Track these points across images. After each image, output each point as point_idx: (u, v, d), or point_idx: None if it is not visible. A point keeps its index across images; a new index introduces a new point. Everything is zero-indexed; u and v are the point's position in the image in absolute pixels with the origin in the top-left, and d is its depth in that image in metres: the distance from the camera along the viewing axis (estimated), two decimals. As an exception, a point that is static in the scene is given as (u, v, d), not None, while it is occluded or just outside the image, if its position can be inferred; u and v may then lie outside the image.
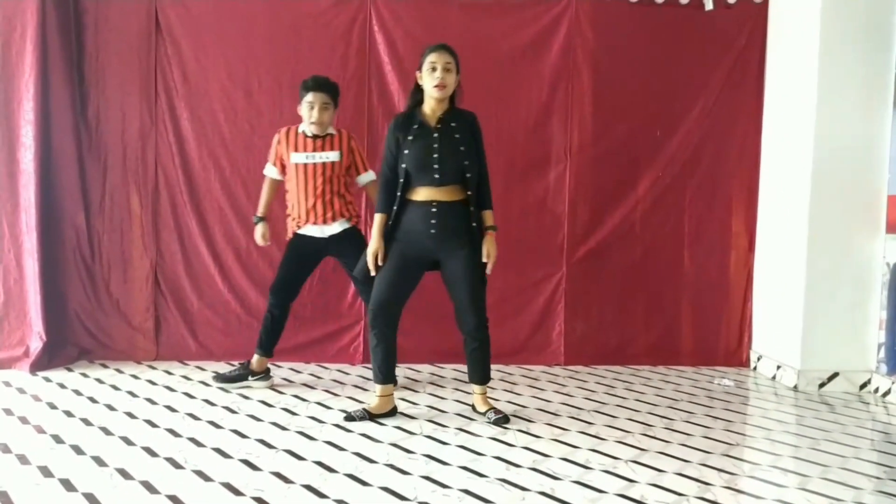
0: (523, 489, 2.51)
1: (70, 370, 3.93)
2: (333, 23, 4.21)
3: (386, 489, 2.48)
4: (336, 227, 3.61)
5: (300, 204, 3.58)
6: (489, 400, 3.36)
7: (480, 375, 3.30)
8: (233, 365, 3.93)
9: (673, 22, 4.33)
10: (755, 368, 4.43)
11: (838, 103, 3.91)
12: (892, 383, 3.81)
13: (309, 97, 3.52)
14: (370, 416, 3.21)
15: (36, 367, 3.86)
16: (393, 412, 3.28)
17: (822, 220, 3.94)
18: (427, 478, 2.59)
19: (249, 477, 2.55)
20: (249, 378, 3.70)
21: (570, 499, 2.44)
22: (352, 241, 3.63)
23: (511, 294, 4.33)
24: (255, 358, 3.71)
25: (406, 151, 3.07)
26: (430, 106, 3.11)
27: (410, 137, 3.08)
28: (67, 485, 2.43)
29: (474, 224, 3.13)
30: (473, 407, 3.38)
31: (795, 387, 3.99)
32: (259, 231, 3.72)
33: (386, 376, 3.24)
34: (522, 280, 4.35)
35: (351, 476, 2.59)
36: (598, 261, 4.39)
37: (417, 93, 3.16)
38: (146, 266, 4.20)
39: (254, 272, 4.24)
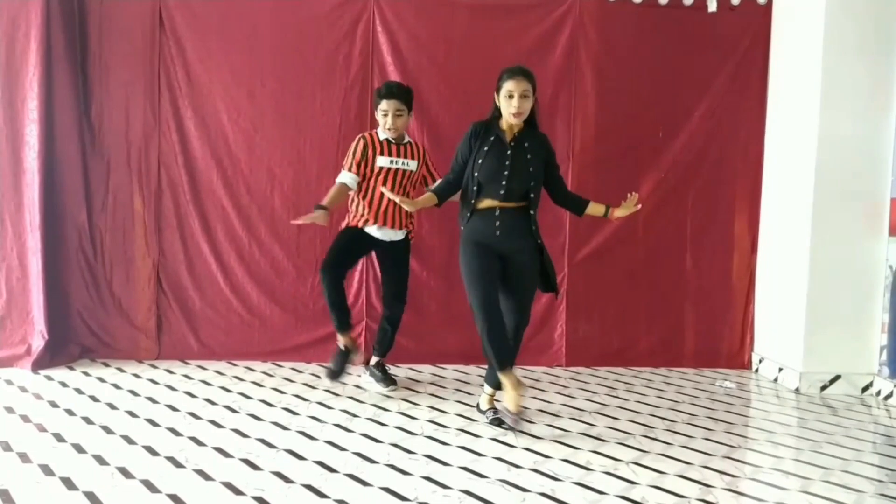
0: (524, 490, 2.51)
1: (72, 369, 3.93)
2: (337, 23, 4.21)
3: (386, 489, 2.48)
4: (398, 235, 3.65)
5: (372, 205, 3.58)
6: (493, 402, 3.34)
7: (497, 381, 3.22)
8: (235, 365, 3.92)
9: (677, 23, 4.33)
10: (757, 371, 4.42)
11: (842, 105, 3.90)
12: (895, 386, 3.80)
13: (383, 105, 3.56)
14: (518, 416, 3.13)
15: (38, 366, 3.86)
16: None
17: (824, 223, 3.93)
18: (428, 478, 2.59)
19: (250, 476, 2.55)
20: (352, 357, 3.72)
21: (571, 500, 2.44)
22: (403, 251, 3.71)
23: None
24: (340, 338, 3.68)
25: (479, 161, 3.12)
26: (508, 123, 3.14)
27: (486, 148, 3.12)
28: (68, 483, 2.44)
29: (539, 241, 3.17)
30: (478, 405, 3.38)
31: (797, 389, 3.98)
32: (317, 214, 3.39)
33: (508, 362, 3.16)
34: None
35: (351, 476, 2.59)
36: (600, 262, 4.38)
37: (496, 109, 3.18)
38: (149, 265, 4.20)
39: (256, 271, 4.24)
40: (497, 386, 3.25)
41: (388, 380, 3.72)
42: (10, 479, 2.46)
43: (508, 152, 3.11)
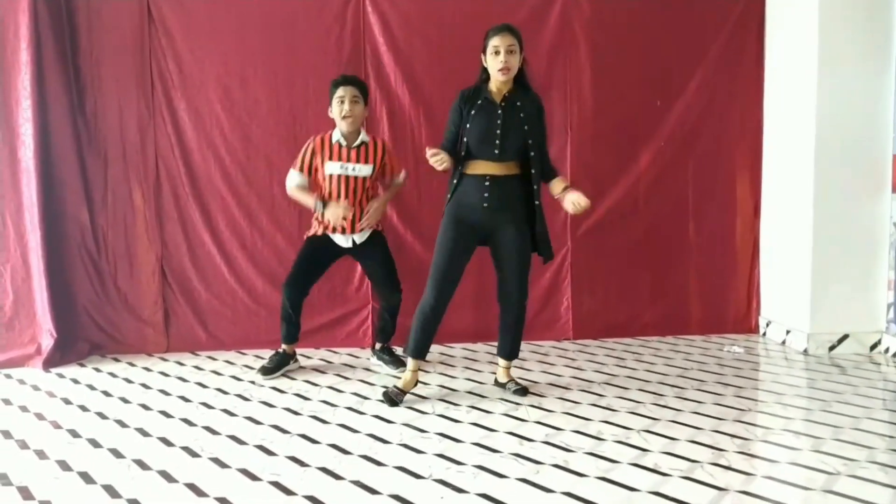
0: (537, 463, 2.53)
1: (82, 365, 3.96)
2: (327, 5, 4.17)
3: (401, 468, 2.50)
4: (362, 237, 3.63)
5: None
6: (510, 373, 3.40)
7: (509, 350, 3.33)
8: (244, 354, 3.94)
9: (670, -10, 4.28)
10: (764, 334, 4.43)
11: (840, 64, 3.87)
12: (903, 343, 3.81)
13: (339, 92, 3.52)
14: (404, 393, 3.24)
15: (48, 364, 3.88)
16: (414, 385, 3.33)
17: (827, 183, 3.91)
18: (441, 455, 2.61)
19: (266, 462, 2.57)
20: (291, 364, 3.77)
21: (584, 470, 2.46)
22: (376, 246, 3.67)
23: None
24: (284, 348, 3.76)
25: (468, 125, 3.08)
26: (496, 85, 3.10)
27: (474, 112, 3.09)
28: (86, 477, 2.46)
29: (536, 202, 3.14)
30: (496, 380, 3.41)
31: (805, 350, 3.99)
32: (334, 210, 3.48)
33: (424, 352, 3.27)
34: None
35: (365, 457, 2.61)
36: (603, 234, 4.38)
37: (484, 72, 3.14)
38: (152, 259, 4.21)
39: (259, 260, 4.25)
40: (510, 356, 3.33)
41: (398, 362, 3.73)
42: (29, 475, 2.49)
43: (499, 111, 3.07)
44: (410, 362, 3.28)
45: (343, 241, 3.63)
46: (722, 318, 4.50)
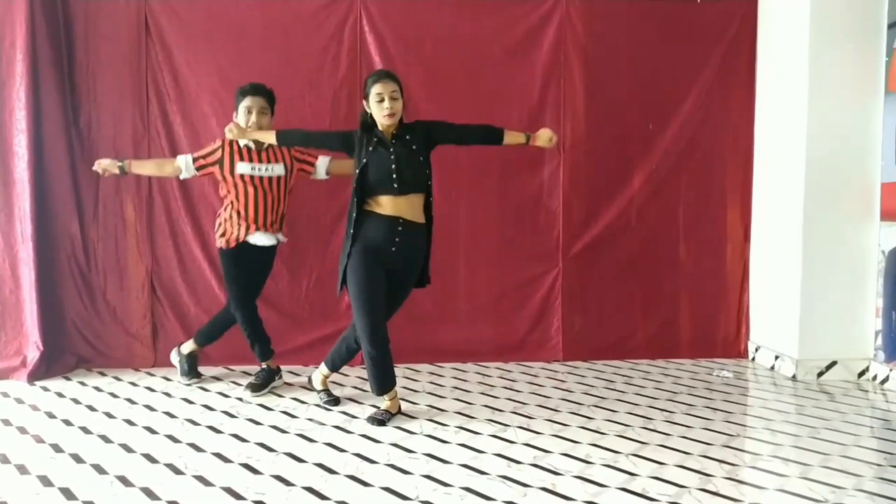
0: (525, 485, 2.51)
1: (68, 379, 3.92)
2: (324, 24, 4.20)
3: (387, 489, 2.48)
4: (272, 240, 3.62)
5: (248, 214, 3.53)
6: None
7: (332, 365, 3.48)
8: (231, 370, 3.91)
9: (663, 14, 4.34)
10: (753, 359, 4.43)
11: (830, 92, 3.91)
12: (890, 370, 3.81)
13: (246, 102, 3.52)
14: (393, 415, 3.26)
15: (34, 377, 3.84)
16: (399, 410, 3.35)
17: (816, 210, 3.94)
18: (428, 476, 2.59)
19: (250, 481, 2.54)
20: (276, 379, 3.78)
21: (572, 494, 2.44)
22: (271, 258, 3.70)
23: (509, 291, 4.34)
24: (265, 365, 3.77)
25: (365, 161, 3.14)
26: (383, 126, 3.17)
27: (371, 148, 3.16)
28: (68, 493, 2.43)
29: (428, 235, 3.28)
30: (310, 380, 3.62)
31: (794, 376, 4.00)
32: (106, 162, 3.61)
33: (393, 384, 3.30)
34: (519, 277, 4.35)
35: (352, 477, 2.58)
36: (595, 256, 4.39)
37: (366, 117, 3.20)
38: (142, 273, 4.19)
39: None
40: (334, 369, 3.48)
41: (193, 371, 3.83)
42: (9, 491, 2.45)
43: (391, 148, 3.15)
44: (388, 395, 3.27)
45: (266, 239, 3.58)
46: (711, 342, 4.51)
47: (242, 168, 3.53)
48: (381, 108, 3.12)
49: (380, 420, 3.18)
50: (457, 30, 4.24)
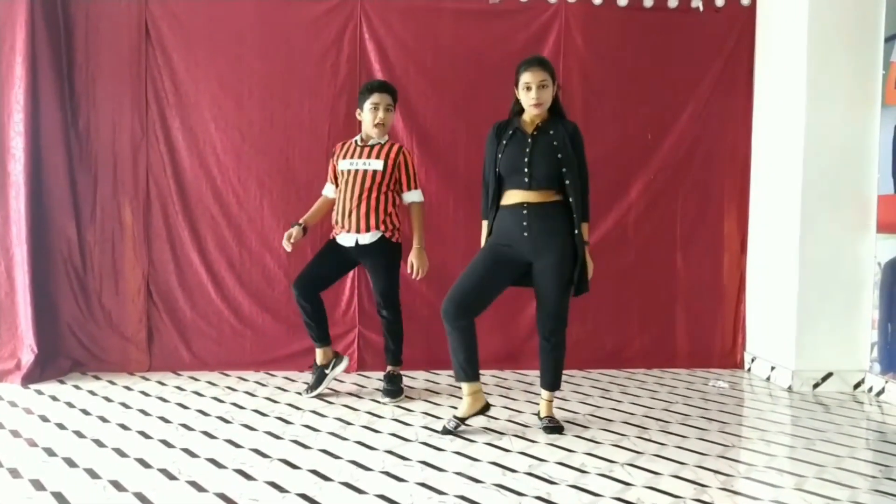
0: (519, 494, 2.50)
1: (62, 382, 3.90)
2: (324, 31, 4.21)
3: (382, 496, 2.47)
4: (367, 238, 3.54)
5: (338, 210, 3.59)
6: (552, 407, 3.30)
7: (547, 380, 3.25)
8: (227, 375, 3.90)
9: (662, 26, 4.36)
10: (749, 370, 4.43)
11: (827, 104, 3.93)
12: (886, 382, 3.82)
13: (374, 98, 3.53)
14: (462, 420, 3.16)
15: (28, 380, 3.83)
16: (486, 408, 3.21)
17: (813, 221, 3.96)
18: (423, 484, 2.58)
19: (244, 487, 2.53)
20: (326, 372, 3.71)
21: (567, 503, 2.43)
22: (381, 253, 3.57)
23: (505, 299, 4.28)
24: (318, 353, 3.72)
25: (500, 155, 3.10)
26: (529, 116, 3.12)
27: (505, 142, 3.11)
28: (60, 498, 2.41)
29: (576, 232, 3.09)
30: (539, 413, 3.32)
31: (790, 387, 4.00)
32: (290, 231, 3.58)
33: (471, 374, 3.15)
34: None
35: (346, 484, 2.57)
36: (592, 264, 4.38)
37: (516, 104, 3.16)
38: (138, 277, 4.18)
39: (247, 281, 4.23)
40: (550, 387, 3.25)
41: (394, 392, 3.66)
42: (1, 494, 2.43)
43: (529, 140, 3.08)
44: (464, 386, 3.17)
45: (345, 240, 3.57)
46: (707, 352, 4.51)
47: (343, 164, 3.59)
48: (528, 98, 3.05)
49: (448, 430, 3.14)
50: (457, 39, 4.26)
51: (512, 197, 3.11)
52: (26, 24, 3.86)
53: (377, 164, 3.55)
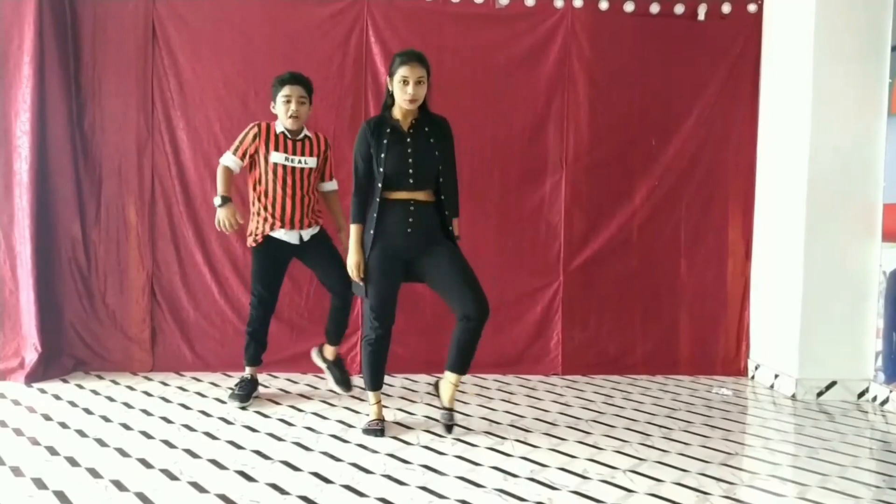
0: (521, 499, 2.50)
1: (65, 381, 3.91)
2: (330, 33, 4.22)
3: (382, 500, 2.46)
4: (308, 233, 3.57)
5: (276, 206, 3.50)
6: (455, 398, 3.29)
7: (464, 363, 3.16)
8: (230, 376, 3.91)
9: (668, 32, 4.35)
10: (753, 377, 4.42)
11: (833, 112, 3.92)
12: (890, 392, 3.80)
13: (286, 90, 3.48)
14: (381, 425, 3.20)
15: (31, 379, 3.84)
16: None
17: (818, 229, 3.94)
18: (424, 488, 2.57)
19: (245, 488, 2.53)
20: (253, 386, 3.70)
21: (568, 509, 2.43)
22: (322, 243, 3.60)
23: (508, 304, 4.32)
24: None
25: (382, 156, 3.06)
26: (402, 112, 3.11)
27: (385, 142, 3.07)
28: (62, 497, 2.41)
29: (453, 232, 3.17)
30: (439, 394, 3.30)
31: (793, 396, 3.98)
32: (226, 212, 3.42)
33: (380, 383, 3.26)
34: (519, 290, 4.34)
35: (347, 487, 2.57)
36: (595, 270, 4.38)
37: (389, 97, 3.13)
38: (142, 277, 4.19)
39: (250, 282, 4.21)
40: (461, 370, 3.20)
41: (345, 381, 3.72)
42: (3, 493, 2.44)
43: (408, 139, 3.08)
44: (371, 395, 3.24)
45: (289, 236, 3.53)
46: (711, 359, 4.49)
47: (277, 158, 3.49)
48: (403, 92, 3.01)
49: (376, 431, 3.15)
50: (462, 41, 4.26)
51: (395, 196, 3.08)
52: (34, 23, 3.88)
53: (312, 162, 3.54)
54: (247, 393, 3.60)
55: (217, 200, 3.45)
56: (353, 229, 3.13)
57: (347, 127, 4.21)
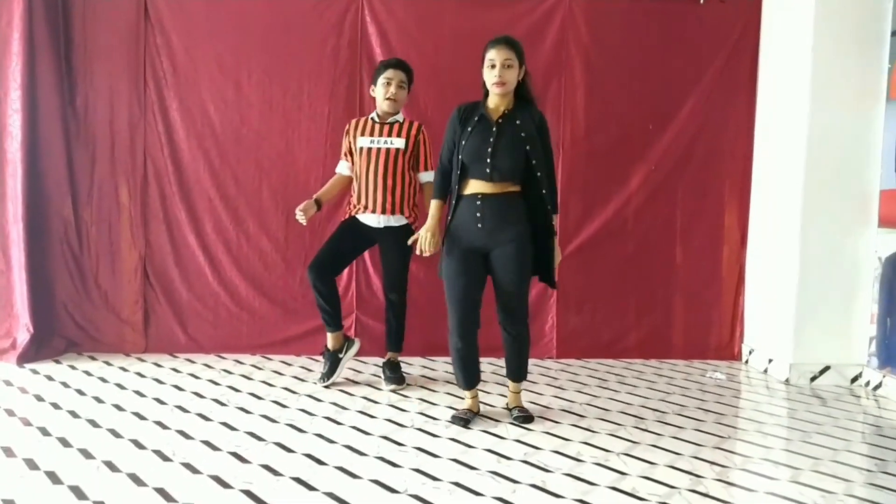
0: (514, 482, 2.50)
1: (58, 362, 3.89)
2: (325, 14, 4.17)
3: (376, 482, 2.46)
4: (393, 221, 3.52)
5: (360, 189, 3.53)
6: (520, 398, 3.29)
7: (512, 371, 3.23)
8: (223, 358, 3.89)
9: (666, 16, 4.31)
10: (747, 362, 4.43)
11: (831, 98, 3.90)
12: (883, 377, 3.81)
13: (388, 73, 3.49)
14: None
15: (23, 360, 3.82)
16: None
17: (814, 215, 3.94)
18: (418, 470, 2.57)
19: (238, 469, 2.52)
20: (340, 356, 3.66)
21: (562, 491, 2.43)
22: (400, 239, 3.47)
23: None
24: (329, 338, 3.65)
25: (463, 142, 3.00)
26: (494, 100, 3.03)
27: (470, 129, 3.00)
28: (53, 477, 2.40)
29: (536, 222, 3.03)
30: (507, 405, 3.31)
31: (787, 380, 3.99)
32: (304, 204, 3.49)
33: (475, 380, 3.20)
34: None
35: (341, 469, 2.57)
36: (591, 255, 4.37)
37: (485, 86, 3.05)
38: (135, 257, 4.16)
39: (244, 264, 4.21)
40: (516, 378, 3.26)
41: (397, 379, 3.63)
42: (-6, 473, 2.43)
43: (493, 129, 2.98)
44: (466, 393, 3.21)
45: (372, 220, 3.53)
46: (705, 343, 4.50)
47: (362, 142, 3.53)
48: (490, 76, 2.95)
49: (463, 419, 3.10)
50: (458, 23, 4.21)
51: (471, 187, 3.02)
52: (24, 1, 3.81)
53: (399, 143, 3.51)
54: (329, 369, 3.62)
55: (309, 203, 3.54)
56: (433, 204, 3.13)
57: (342, 108, 4.17)
